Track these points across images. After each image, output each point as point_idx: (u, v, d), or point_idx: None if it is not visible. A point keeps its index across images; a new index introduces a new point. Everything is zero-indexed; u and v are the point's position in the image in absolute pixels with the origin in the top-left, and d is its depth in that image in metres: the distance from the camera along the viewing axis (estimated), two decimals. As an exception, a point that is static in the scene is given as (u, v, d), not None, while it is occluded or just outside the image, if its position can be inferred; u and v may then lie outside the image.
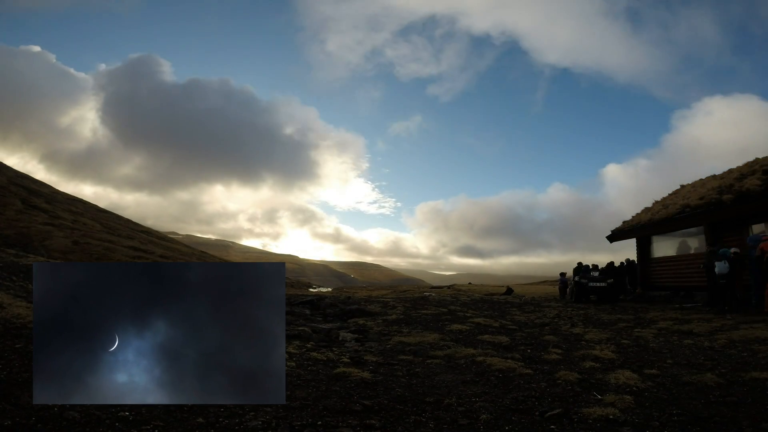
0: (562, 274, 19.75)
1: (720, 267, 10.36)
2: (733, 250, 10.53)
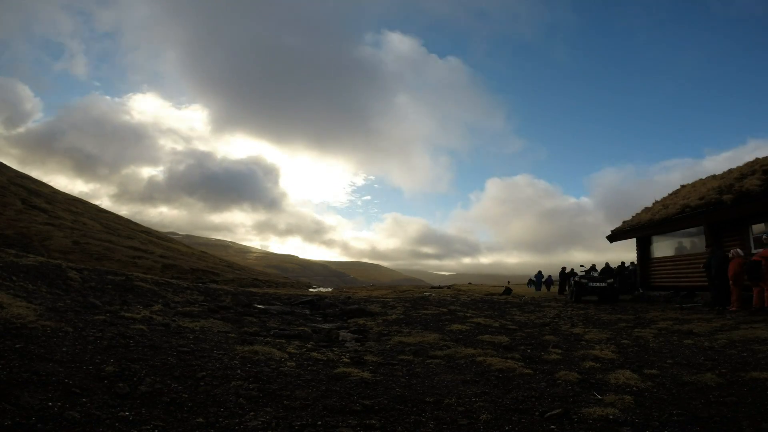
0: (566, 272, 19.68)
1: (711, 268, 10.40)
2: (733, 251, 10.51)
